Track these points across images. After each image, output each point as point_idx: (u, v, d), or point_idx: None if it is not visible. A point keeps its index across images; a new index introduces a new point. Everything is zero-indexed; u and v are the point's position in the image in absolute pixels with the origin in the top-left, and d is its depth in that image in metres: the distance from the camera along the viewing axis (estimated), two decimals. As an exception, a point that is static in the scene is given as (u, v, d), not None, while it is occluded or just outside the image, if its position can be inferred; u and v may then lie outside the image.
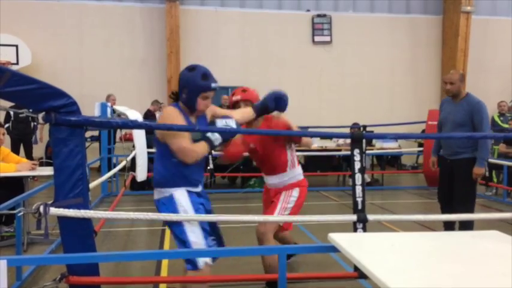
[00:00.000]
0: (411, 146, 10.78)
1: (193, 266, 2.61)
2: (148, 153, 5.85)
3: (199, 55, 11.49)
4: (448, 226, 4.37)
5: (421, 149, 9.50)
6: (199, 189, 2.81)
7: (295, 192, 3.40)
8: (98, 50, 11.12)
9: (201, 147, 2.66)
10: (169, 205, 2.68)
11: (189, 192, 2.72)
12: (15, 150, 8.45)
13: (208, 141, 2.66)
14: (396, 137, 4.50)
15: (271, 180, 3.53)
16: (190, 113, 2.74)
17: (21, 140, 8.89)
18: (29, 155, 8.68)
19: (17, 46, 10.13)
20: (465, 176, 4.17)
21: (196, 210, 2.70)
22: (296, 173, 3.48)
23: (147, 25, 11.38)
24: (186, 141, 2.63)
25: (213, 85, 2.70)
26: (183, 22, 11.29)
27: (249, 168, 9.16)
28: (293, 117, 4.21)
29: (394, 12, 12.51)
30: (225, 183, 9.00)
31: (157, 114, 9.51)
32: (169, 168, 2.68)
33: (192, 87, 2.67)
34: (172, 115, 2.67)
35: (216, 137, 2.67)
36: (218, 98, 10.77)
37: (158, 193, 2.75)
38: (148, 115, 9.45)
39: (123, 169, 6.88)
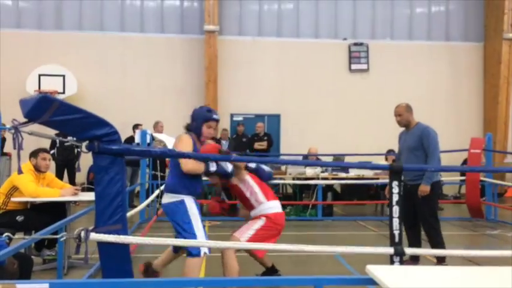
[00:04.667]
0: (453, 175, 10.42)
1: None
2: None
3: (237, 84, 11.71)
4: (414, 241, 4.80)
5: (463, 178, 9.18)
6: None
7: (261, 222, 3.73)
8: (140, 79, 11.53)
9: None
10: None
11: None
12: (59, 175, 8.79)
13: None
14: (436, 169, 4.62)
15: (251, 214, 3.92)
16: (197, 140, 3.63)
17: (65, 166, 9.22)
18: (72, 180, 8.98)
19: (64, 76, 10.65)
20: (423, 198, 4.66)
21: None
22: (264, 207, 3.81)
23: (186, 55, 11.73)
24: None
25: (214, 116, 3.62)
26: (221, 52, 11.57)
27: (284, 196, 9.12)
28: (330, 145, 4.32)
29: (434, 40, 12.37)
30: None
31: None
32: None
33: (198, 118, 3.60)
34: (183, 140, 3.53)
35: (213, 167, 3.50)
36: (253, 125, 10.87)
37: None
38: None
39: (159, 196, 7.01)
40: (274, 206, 3.84)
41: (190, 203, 3.49)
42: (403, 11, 12.46)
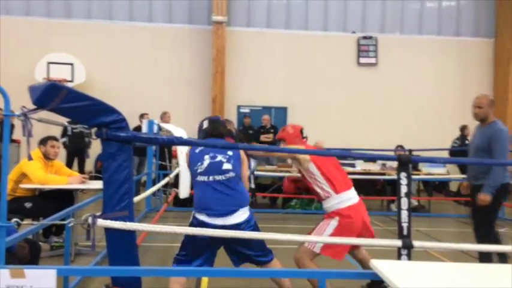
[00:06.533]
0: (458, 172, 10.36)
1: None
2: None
3: (244, 75, 11.68)
4: (484, 258, 4.18)
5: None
6: None
7: (334, 222, 3.37)
8: (147, 69, 11.53)
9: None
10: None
11: None
12: (69, 163, 8.89)
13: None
14: (445, 161, 4.35)
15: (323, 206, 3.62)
16: None
17: (76, 154, 9.27)
18: (81, 169, 9.05)
19: (72, 64, 10.68)
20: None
21: None
22: (334, 202, 3.42)
23: (194, 45, 11.71)
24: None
25: None
26: (229, 43, 11.54)
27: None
28: (337, 139, 4.25)
29: (444, 35, 12.26)
30: (265, 203, 8.98)
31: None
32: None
33: None
34: None
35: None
36: (260, 117, 10.86)
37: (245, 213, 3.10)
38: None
39: (166, 185, 7.04)
40: (345, 199, 3.40)
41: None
42: (413, 5, 12.34)
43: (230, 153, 3.12)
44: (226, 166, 3.05)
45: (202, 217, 3.01)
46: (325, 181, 3.40)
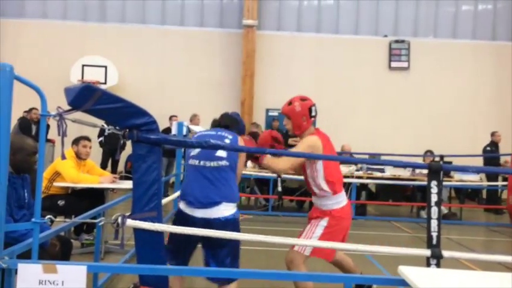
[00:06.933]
0: (495, 179, 10.05)
1: None
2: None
3: (273, 79, 11.70)
4: None
5: (505, 183, 8.85)
6: None
7: (324, 222, 3.28)
8: (178, 71, 11.70)
9: None
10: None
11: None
12: (104, 162, 9.10)
13: None
14: (477, 170, 4.22)
15: (313, 199, 3.50)
16: None
17: (111, 154, 9.48)
18: (114, 168, 9.27)
19: (106, 67, 10.95)
20: None
21: None
22: (329, 201, 3.32)
23: (224, 49, 11.81)
24: None
25: None
26: (259, 46, 11.58)
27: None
28: (367, 143, 4.17)
29: (479, 39, 11.94)
30: (292, 207, 8.95)
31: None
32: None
33: None
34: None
35: None
36: (282, 120, 10.82)
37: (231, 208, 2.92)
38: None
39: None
40: (339, 200, 3.31)
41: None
42: (447, 9, 12.08)
43: (227, 141, 2.96)
44: (220, 153, 2.89)
45: (182, 205, 2.93)
46: (325, 182, 3.29)
